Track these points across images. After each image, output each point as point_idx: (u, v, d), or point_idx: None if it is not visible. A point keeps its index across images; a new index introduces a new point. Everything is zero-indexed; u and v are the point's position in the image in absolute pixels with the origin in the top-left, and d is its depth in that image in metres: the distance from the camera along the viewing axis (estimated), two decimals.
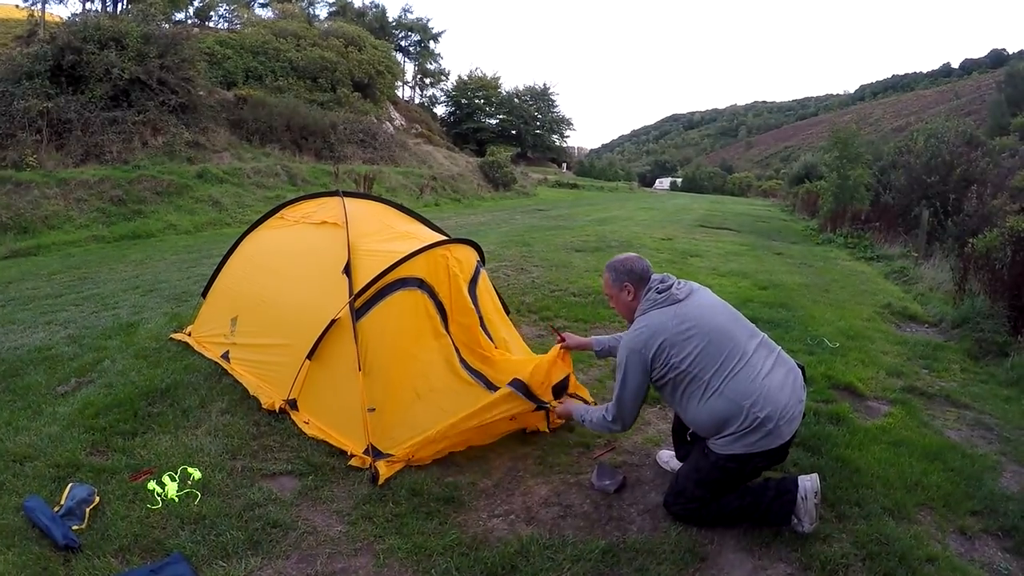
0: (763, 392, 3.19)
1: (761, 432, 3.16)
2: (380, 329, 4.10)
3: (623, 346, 3.42)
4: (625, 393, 3.41)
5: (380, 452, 3.81)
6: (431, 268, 4.30)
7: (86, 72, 19.27)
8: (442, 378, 4.22)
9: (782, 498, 3.27)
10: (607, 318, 7.45)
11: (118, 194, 16.86)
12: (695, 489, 3.34)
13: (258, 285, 5.23)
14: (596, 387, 5.30)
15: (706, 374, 3.23)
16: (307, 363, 4.31)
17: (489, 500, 3.64)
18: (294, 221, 5.41)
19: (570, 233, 16.41)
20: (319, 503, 3.52)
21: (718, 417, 3.21)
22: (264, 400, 4.53)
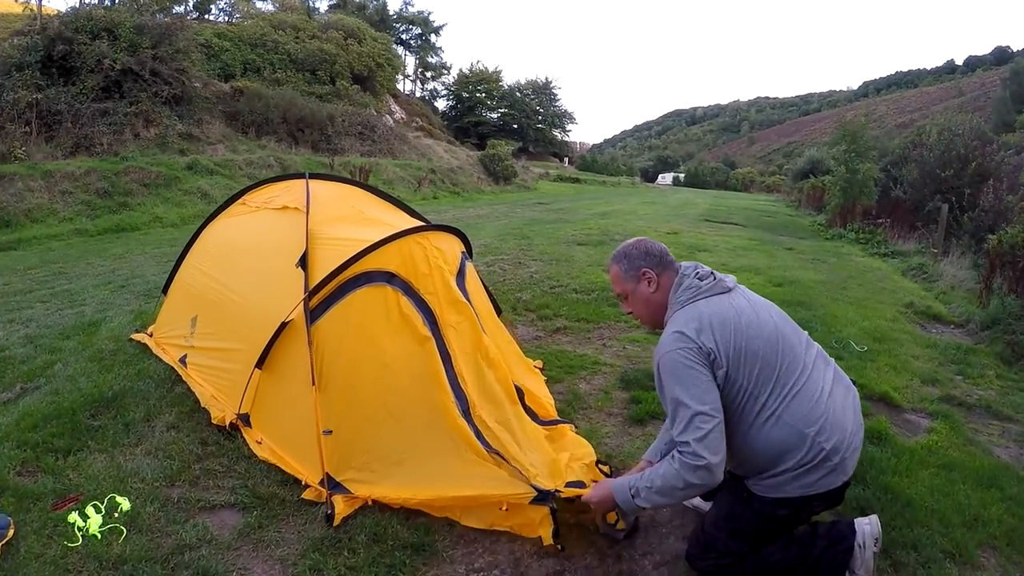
0: (829, 417, 2.51)
1: (824, 468, 2.47)
2: (339, 334, 3.44)
3: (663, 354, 2.54)
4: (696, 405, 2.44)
5: (337, 484, 3.23)
6: (406, 259, 3.57)
7: (77, 63, 18.90)
8: (423, 394, 3.38)
9: (836, 547, 2.66)
10: (613, 317, 6.87)
11: (104, 186, 16.39)
12: (729, 541, 2.67)
13: (216, 280, 4.66)
14: (600, 398, 4.69)
15: (763, 393, 2.51)
16: (257, 373, 3.73)
17: (468, 549, 3.00)
18: (256, 207, 4.82)
19: (571, 227, 15.87)
20: (262, 547, 2.94)
21: (773, 450, 2.50)
22: (215, 414, 4.00)
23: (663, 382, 2.54)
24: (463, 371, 3.42)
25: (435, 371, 3.36)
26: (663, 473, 2.50)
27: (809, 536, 2.71)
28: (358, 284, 3.47)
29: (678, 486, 2.46)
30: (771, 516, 2.61)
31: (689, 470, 2.41)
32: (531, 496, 2.98)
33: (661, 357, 2.54)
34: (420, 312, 3.48)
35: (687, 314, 2.58)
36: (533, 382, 4.39)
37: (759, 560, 2.67)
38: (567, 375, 5.11)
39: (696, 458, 2.39)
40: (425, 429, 3.31)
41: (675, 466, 2.45)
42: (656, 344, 2.63)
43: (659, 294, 2.74)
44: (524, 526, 3.05)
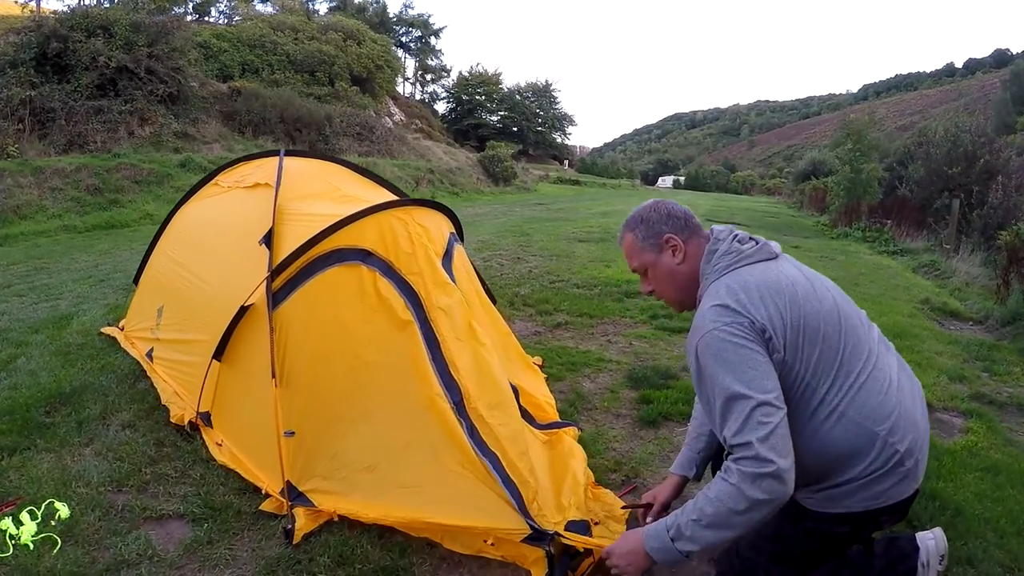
0: (900, 412, 1.99)
1: (896, 475, 1.96)
2: (304, 320, 3.00)
3: (703, 334, 1.95)
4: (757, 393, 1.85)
5: (300, 494, 2.82)
6: (384, 235, 3.11)
7: (72, 61, 18.54)
8: (400, 388, 2.90)
9: (896, 569, 2.21)
10: (617, 312, 6.50)
11: (95, 183, 16.03)
12: (771, 567, 2.18)
13: (182, 266, 4.29)
14: (607, 398, 4.28)
15: (824, 383, 1.97)
16: (215, 365, 3.34)
17: (449, 573, 2.53)
18: (227, 187, 4.42)
19: (571, 225, 15.54)
20: (209, 566, 2.52)
21: (836, 455, 1.97)
22: (174, 412, 3.63)
23: (705, 370, 1.95)
24: (455, 358, 2.89)
25: (417, 359, 2.87)
26: (715, 496, 1.86)
27: (863, 557, 2.25)
28: (328, 263, 3.03)
29: (738, 508, 1.81)
30: (827, 536, 2.10)
31: (753, 482, 1.79)
32: (523, 534, 2.47)
33: (701, 339, 1.95)
34: (402, 294, 3.00)
35: (729, 283, 2.01)
36: (531, 380, 3.97)
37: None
38: (569, 373, 4.71)
39: (761, 463, 1.78)
40: (401, 429, 2.85)
41: (732, 480, 1.82)
42: (688, 330, 2.07)
43: (687, 265, 2.18)
44: (516, 557, 2.57)
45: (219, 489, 3.00)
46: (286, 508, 2.74)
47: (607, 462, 3.34)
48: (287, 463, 2.84)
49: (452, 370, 2.86)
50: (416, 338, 2.91)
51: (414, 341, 2.91)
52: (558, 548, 2.42)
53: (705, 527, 1.87)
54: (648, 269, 2.24)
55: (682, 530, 1.91)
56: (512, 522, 2.49)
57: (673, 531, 1.93)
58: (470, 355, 2.95)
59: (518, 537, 2.47)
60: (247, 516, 2.82)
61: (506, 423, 2.77)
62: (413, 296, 3.01)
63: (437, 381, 2.82)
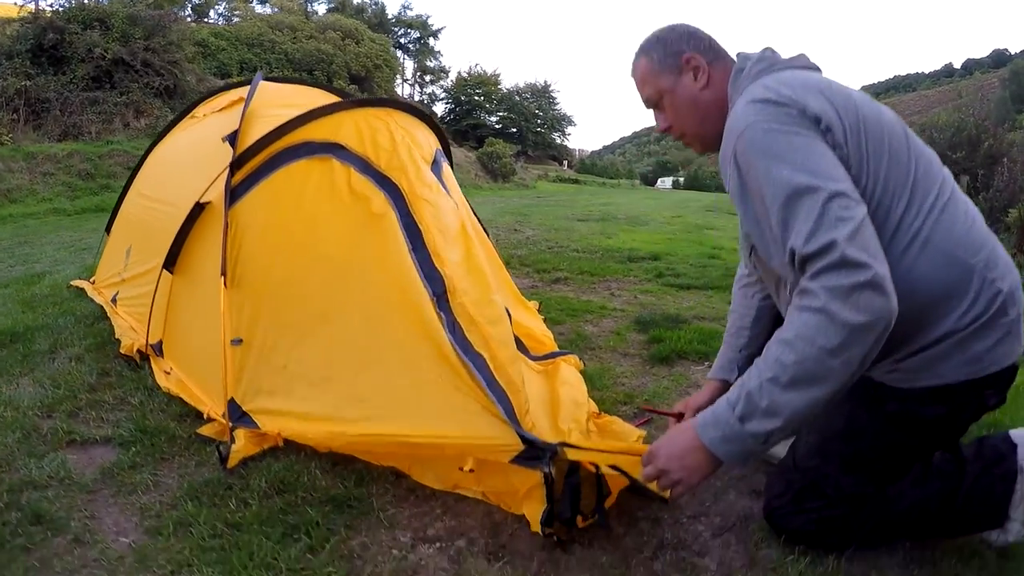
0: (993, 245, 1.59)
1: (1000, 328, 1.54)
2: (264, 217, 2.59)
3: (741, 131, 1.54)
4: (828, 183, 1.42)
5: (244, 414, 2.39)
6: (361, 132, 2.66)
7: (68, 52, 18.41)
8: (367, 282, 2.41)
9: (992, 472, 1.74)
10: (620, 272, 6.09)
11: (87, 168, 15.84)
12: (843, 478, 1.73)
13: (150, 199, 3.90)
14: (612, 339, 3.86)
15: (898, 203, 1.54)
16: (167, 279, 2.95)
17: (420, 508, 2.06)
18: (203, 116, 4.02)
19: (570, 209, 15.23)
20: (125, 491, 2.11)
21: (926, 294, 1.53)
22: (125, 343, 3.24)
23: (751, 173, 1.52)
24: (440, 249, 2.40)
25: (392, 251, 2.39)
26: (795, 336, 1.39)
27: (951, 464, 1.78)
28: (296, 155, 2.62)
29: (831, 344, 1.34)
30: (916, 423, 1.64)
31: (847, 298, 1.33)
32: (513, 451, 1.90)
33: (739, 138, 1.54)
34: (380, 188, 2.54)
35: (767, 82, 1.61)
36: (526, 317, 3.52)
37: (883, 507, 1.75)
38: (569, 318, 4.28)
39: (854, 270, 1.33)
40: (364, 333, 2.37)
41: (816, 304, 1.36)
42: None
43: (711, 91, 1.78)
44: (503, 495, 2.04)
45: (157, 415, 2.60)
46: (227, 431, 2.33)
47: (616, 395, 2.92)
48: (231, 378, 2.42)
49: (435, 260, 2.36)
50: (394, 229, 2.43)
51: (391, 233, 2.43)
52: (561, 470, 1.85)
53: (787, 387, 1.39)
54: (664, 97, 1.82)
55: (754, 400, 1.42)
56: (499, 434, 1.94)
57: (741, 406, 1.44)
58: (460, 251, 2.50)
59: (506, 455, 1.90)
60: (182, 441, 2.42)
61: (496, 322, 2.28)
62: (394, 190, 2.54)
63: (416, 272, 2.32)
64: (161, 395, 2.78)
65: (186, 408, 2.64)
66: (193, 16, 43.33)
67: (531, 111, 68.50)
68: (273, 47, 35.63)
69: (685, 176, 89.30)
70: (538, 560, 1.80)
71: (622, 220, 12.32)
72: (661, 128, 1.89)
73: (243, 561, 1.73)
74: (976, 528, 1.79)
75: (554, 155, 72.88)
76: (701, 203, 25.91)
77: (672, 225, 12.14)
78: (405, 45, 64.36)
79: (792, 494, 1.80)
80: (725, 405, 1.48)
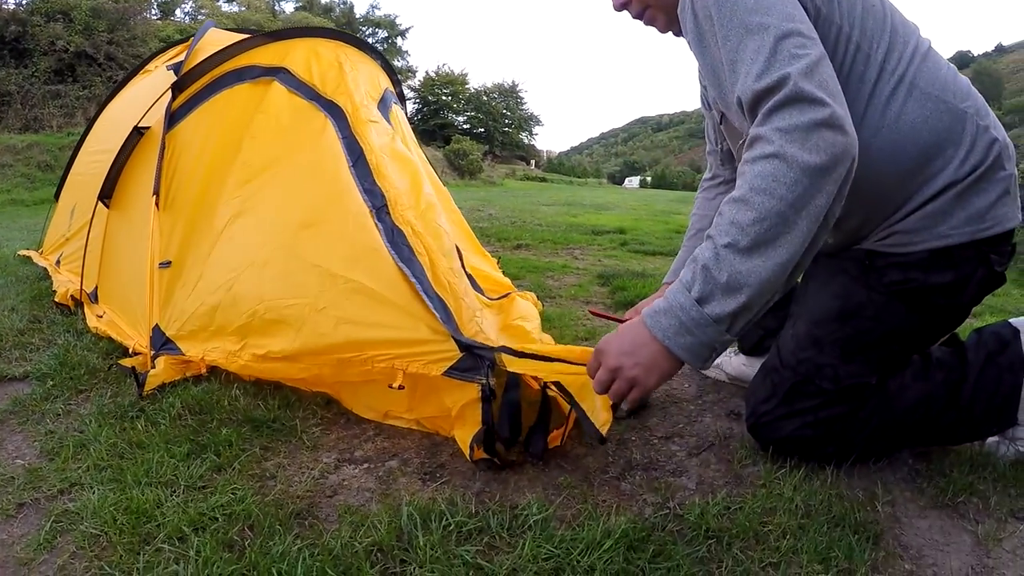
0: (978, 96, 1.46)
1: (999, 183, 1.39)
2: (202, 139, 2.35)
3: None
4: (783, 22, 1.22)
5: (168, 341, 2.13)
6: (309, 60, 2.48)
7: (31, 45, 18.11)
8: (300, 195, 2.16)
9: (996, 361, 1.55)
10: (584, 242, 5.89)
11: (46, 160, 15.35)
12: (841, 366, 1.50)
13: (96, 154, 3.60)
14: (574, 290, 3.63)
15: (878, 46, 1.38)
16: (101, 213, 2.69)
17: (349, 431, 1.83)
18: (155, 68, 3.77)
19: (536, 198, 15.09)
20: (33, 420, 1.87)
21: (917, 142, 1.37)
22: (60, 292, 3.04)
23: (705, 18, 1.32)
24: (381, 167, 2.15)
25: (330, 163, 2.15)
26: (750, 189, 1.16)
27: (954, 356, 1.60)
28: (240, 78, 2.42)
29: (793, 194, 1.12)
30: (920, 295, 1.46)
31: (805, 137, 1.12)
32: (450, 358, 1.65)
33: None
34: (322, 109, 2.32)
35: None
36: (483, 263, 3.23)
37: (885, 405, 1.54)
38: (530, 274, 4.05)
39: (810, 105, 1.14)
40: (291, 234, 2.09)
41: (770, 149, 1.15)
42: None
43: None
44: (438, 422, 1.80)
45: (81, 352, 2.35)
46: (148, 361, 2.08)
47: (577, 332, 2.69)
48: (158, 303, 2.17)
49: (376, 176, 2.11)
50: (333, 145, 2.20)
51: (329, 147, 2.20)
52: (500, 383, 1.63)
53: (749, 251, 1.15)
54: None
55: (712, 275, 1.17)
56: (432, 338, 1.69)
57: (698, 286, 1.19)
58: (404, 174, 2.24)
59: (440, 365, 1.65)
60: (102, 373, 2.17)
61: (438, 236, 2.04)
62: (337, 112, 2.31)
63: (355, 185, 2.08)
64: (90, 336, 2.55)
65: (114, 345, 2.42)
66: (159, 15, 42.81)
67: (499, 111, 68.46)
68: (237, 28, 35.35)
69: (652, 175, 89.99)
70: (482, 479, 1.55)
71: (588, 206, 12.20)
72: (618, 3, 1.62)
73: (137, 477, 1.49)
74: (984, 429, 1.60)
75: (522, 155, 72.88)
76: (668, 197, 26.07)
77: (638, 210, 12.07)
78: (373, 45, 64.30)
79: (782, 395, 1.56)
80: (679, 287, 1.23)
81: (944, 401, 1.54)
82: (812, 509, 1.41)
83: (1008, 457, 1.61)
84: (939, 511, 1.47)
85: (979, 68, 76.79)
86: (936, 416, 1.55)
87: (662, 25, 1.62)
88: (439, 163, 35.76)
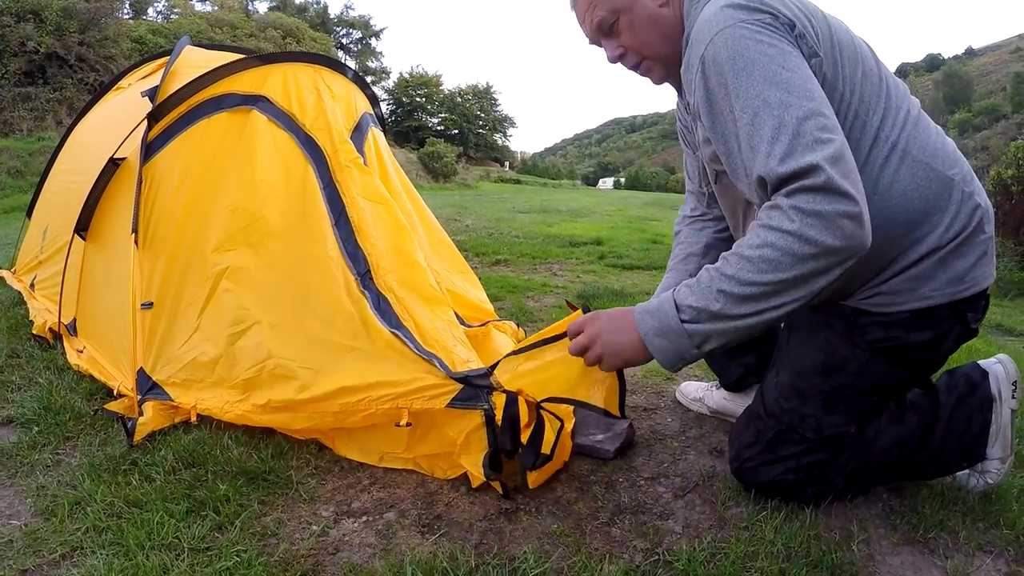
0: (965, 162, 1.52)
1: (979, 246, 1.47)
2: (181, 173, 2.33)
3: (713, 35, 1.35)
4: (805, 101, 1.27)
5: (154, 385, 2.15)
6: (287, 86, 2.50)
7: (0, 46, 17.72)
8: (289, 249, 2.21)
9: (966, 403, 1.66)
10: (562, 256, 5.94)
11: (16, 166, 15.01)
12: (823, 416, 1.59)
13: (70, 174, 3.57)
14: (555, 313, 3.68)
15: (874, 113, 1.44)
16: (78, 245, 2.68)
17: (345, 481, 1.85)
18: (128, 86, 3.72)
19: (512, 203, 15.08)
20: (23, 472, 1.86)
21: (907, 208, 1.43)
22: (37, 323, 3.01)
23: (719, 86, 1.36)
24: (363, 224, 2.22)
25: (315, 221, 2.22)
26: (760, 247, 1.26)
27: (927, 399, 1.69)
28: (218, 107, 2.41)
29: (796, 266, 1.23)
30: (900, 351, 1.54)
31: (825, 224, 1.20)
32: (451, 392, 1.75)
33: (709, 43, 1.36)
34: (304, 148, 2.36)
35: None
36: (465, 284, 3.26)
37: (863, 448, 1.63)
38: (510, 294, 4.09)
39: (840, 198, 1.20)
40: (285, 295, 2.17)
41: (787, 226, 1.23)
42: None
43: (670, 8, 1.57)
44: (436, 460, 1.88)
45: (65, 394, 2.34)
46: (135, 406, 2.09)
47: None
48: (141, 346, 2.18)
49: (358, 235, 2.20)
50: (315, 199, 2.27)
51: (313, 202, 2.26)
52: (500, 402, 1.71)
53: (741, 301, 1.28)
54: (621, 17, 1.58)
55: (702, 304, 1.32)
56: (433, 380, 1.79)
57: (687, 307, 1.33)
58: (384, 224, 2.31)
59: (442, 400, 1.76)
60: (87, 419, 2.17)
61: (420, 290, 2.16)
62: (317, 152, 2.37)
63: (340, 249, 2.16)
64: (72, 374, 2.53)
65: (97, 386, 2.40)
66: (131, 13, 42.27)
67: (473, 112, 68.44)
68: (212, 45, 34.95)
69: (626, 176, 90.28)
70: (478, 531, 1.60)
71: (564, 212, 12.22)
72: (614, 55, 1.66)
73: (140, 541, 1.49)
74: (954, 466, 1.69)
75: (496, 156, 72.87)
76: (641, 200, 26.13)
77: (614, 217, 12.09)
78: (347, 45, 63.66)
79: (765, 442, 1.65)
80: (669, 300, 1.38)
81: (917, 443, 1.63)
82: (792, 552, 1.48)
83: (978, 489, 1.70)
84: (911, 547, 1.55)
85: (949, 71, 78.00)
86: (909, 456, 1.64)
87: (657, 77, 1.68)
88: (413, 166, 35.62)
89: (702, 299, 1.32)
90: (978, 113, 71.24)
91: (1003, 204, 7.50)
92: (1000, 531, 1.59)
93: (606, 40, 1.65)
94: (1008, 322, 4.67)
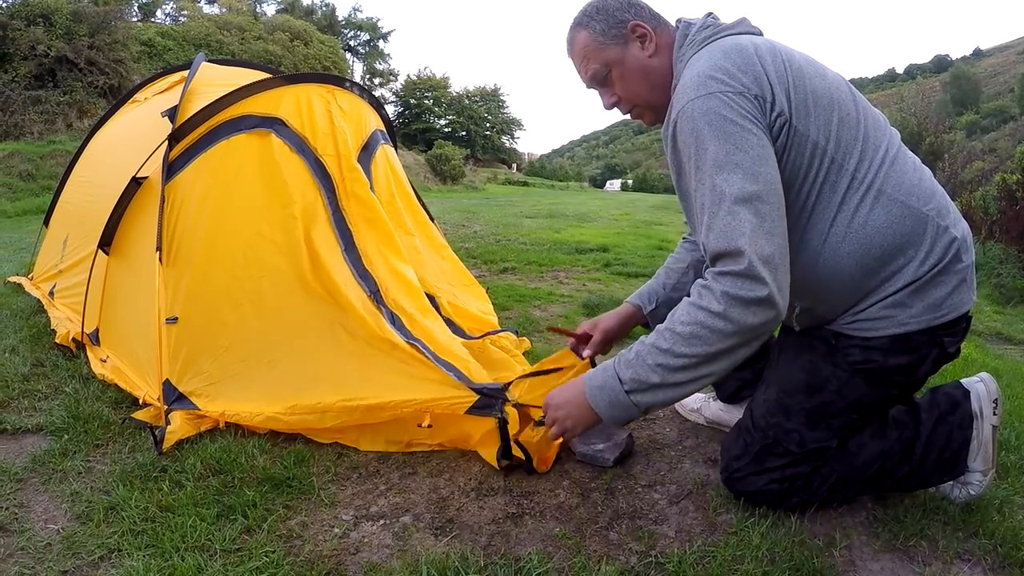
0: (941, 195, 1.63)
1: (956, 275, 1.58)
2: (202, 192, 2.48)
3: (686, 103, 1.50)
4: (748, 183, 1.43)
5: (180, 396, 2.28)
6: (300, 109, 2.66)
7: (11, 49, 17.83)
8: (309, 273, 2.41)
9: (948, 420, 1.77)
10: (568, 263, 6.06)
11: (28, 169, 15.20)
12: (806, 432, 1.72)
13: (89, 186, 3.72)
14: (560, 322, 3.81)
15: (850, 157, 1.56)
16: (102, 261, 2.80)
17: (364, 486, 1.99)
18: (144, 99, 3.85)
19: (519, 207, 15.22)
20: (56, 478, 1.99)
21: (882, 245, 1.54)
22: (60, 333, 3.12)
23: (684, 152, 1.52)
24: (370, 253, 2.52)
25: (327, 248, 2.45)
26: (689, 335, 1.46)
27: (908, 415, 1.80)
28: (234, 129, 2.55)
29: (724, 345, 1.44)
30: (879, 373, 1.65)
31: (744, 307, 1.40)
32: (469, 401, 2.02)
33: (683, 108, 1.50)
34: (314, 174, 2.57)
35: (714, 50, 1.57)
36: (470, 296, 3.41)
37: (845, 461, 1.75)
38: (517, 303, 4.24)
39: (754, 284, 1.39)
40: (310, 316, 2.37)
41: (713, 307, 1.43)
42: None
43: (659, 58, 1.70)
44: (456, 440, 2.14)
45: (92, 403, 2.47)
46: (162, 415, 2.22)
47: None
48: (167, 358, 2.31)
49: (365, 261, 2.48)
50: (325, 226, 2.50)
51: (323, 229, 2.49)
52: (514, 415, 2.00)
53: (677, 370, 1.49)
54: (613, 69, 1.73)
55: (642, 377, 1.52)
56: (453, 392, 2.07)
57: (629, 380, 1.53)
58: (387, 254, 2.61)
59: (462, 407, 2.03)
60: (115, 427, 2.30)
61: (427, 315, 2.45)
62: (326, 179, 2.61)
63: (351, 272, 2.40)
64: (96, 383, 2.66)
65: (122, 395, 2.53)
66: (140, 16, 42.41)
67: (480, 115, 68.41)
68: (221, 48, 34.88)
69: (633, 179, 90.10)
70: (487, 534, 1.74)
71: (571, 217, 12.35)
72: (608, 103, 1.81)
73: (175, 543, 1.63)
74: (935, 479, 1.80)
75: (503, 158, 72.87)
76: (648, 203, 26.20)
77: (620, 221, 12.21)
78: (355, 48, 63.71)
79: (752, 455, 1.78)
80: (611, 372, 1.58)
81: (899, 457, 1.74)
82: (776, 556, 1.59)
83: (960, 499, 1.81)
84: (892, 554, 1.65)
85: (957, 72, 77.63)
86: (891, 469, 1.75)
87: (649, 121, 1.82)
88: (421, 168, 35.75)
89: (641, 373, 1.52)
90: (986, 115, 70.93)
91: (1007, 210, 7.56)
92: (979, 540, 1.70)
93: (601, 89, 1.80)
94: (1008, 330, 4.77)
